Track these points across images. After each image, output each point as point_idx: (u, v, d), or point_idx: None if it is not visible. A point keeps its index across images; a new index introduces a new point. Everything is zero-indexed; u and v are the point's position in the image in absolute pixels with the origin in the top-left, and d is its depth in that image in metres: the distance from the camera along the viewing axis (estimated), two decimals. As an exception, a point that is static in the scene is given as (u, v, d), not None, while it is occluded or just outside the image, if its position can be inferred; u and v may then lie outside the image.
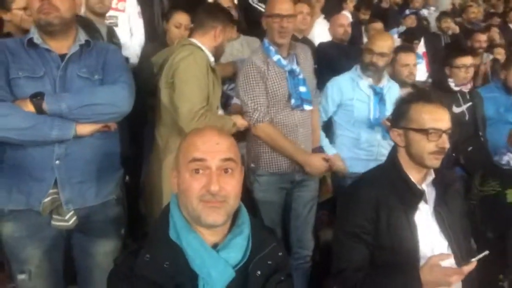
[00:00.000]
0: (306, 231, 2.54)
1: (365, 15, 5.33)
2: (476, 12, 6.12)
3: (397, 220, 1.57)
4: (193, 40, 2.24)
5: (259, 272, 1.18)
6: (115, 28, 3.18)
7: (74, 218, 1.72)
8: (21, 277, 1.70)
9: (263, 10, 4.52)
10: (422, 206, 1.63)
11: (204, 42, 2.21)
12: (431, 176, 1.67)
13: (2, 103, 1.60)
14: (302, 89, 2.42)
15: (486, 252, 1.41)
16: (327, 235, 3.25)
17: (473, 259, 1.40)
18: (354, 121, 2.72)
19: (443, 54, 3.77)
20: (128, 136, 2.55)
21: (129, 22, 3.65)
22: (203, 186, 1.14)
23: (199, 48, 2.18)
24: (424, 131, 1.57)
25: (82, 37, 1.81)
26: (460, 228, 1.67)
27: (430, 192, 1.67)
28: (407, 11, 5.95)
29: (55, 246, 1.76)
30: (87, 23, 2.59)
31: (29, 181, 1.67)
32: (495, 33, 5.40)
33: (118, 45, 2.81)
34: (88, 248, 1.81)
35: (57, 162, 1.68)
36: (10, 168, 1.70)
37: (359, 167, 2.52)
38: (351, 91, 2.73)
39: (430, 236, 1.60)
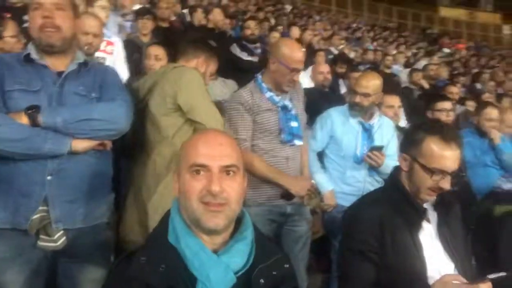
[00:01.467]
0: (297, 270, 2.44)
1: (341, 69, 5.62)
2: (434, 70, 6.66)
3: (402, 238, 1.55)
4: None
5: (262, 281, 1.12)
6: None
7: (63, 238, 1.60)
8: None
9: (245, 59, 4.80)
10: (425, 225, 1.62)
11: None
12: (432, 198, 1.67)
13: None
14: (294, 124, 2.44)
15: (503, 274, 1.38)
16: (317, 281, 3.16)
17: (490, 276, 1.38)
18: (342, 155, 2.74)
19: (424, 100, 3.97)
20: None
21: (114, 64, 3.74)
22: (204, 186, 1.10)
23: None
24: (429, 170, 1.57)
25: (81, 56, 1.80)
26: (463, 249, 1.66)
27: (431, 213, 1.67)
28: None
29: (38, 272, 1.61)
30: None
31: (17, 197, 1.57)
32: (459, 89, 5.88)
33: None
34: (74, 275, 1.67)
35: (49, 177, 1.59)
36: None
37: (344, 201, 2.54)
38: (341, 124, 2.78)
39: (435, 257, 1.58)
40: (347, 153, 2.72)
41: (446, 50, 13.62)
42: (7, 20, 2.68)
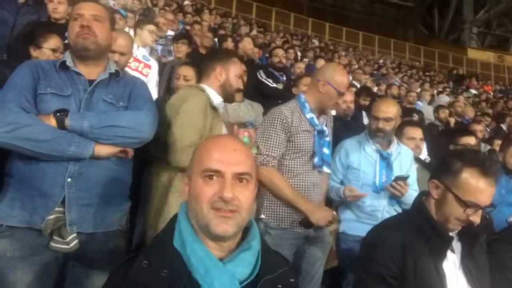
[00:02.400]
0: None
1: (365, 101, 5.61)
2: (462, 107, 6.58)
3: (424, 267, 1.49)
4: (198, 84, 2.29)
5: None
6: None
7: (76, 241, 1.61)
8: None
9: (270, 84, 4.88)
10: (450, 255, 1.57)
11: (209, 84, 2.24)
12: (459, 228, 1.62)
13: (25, 113, 1.59)
14: (326, 151, 2.44)
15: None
16: (327, 317, 3.04)
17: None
18: (360, 184, 2.68)
19: (446, 135, 3.92)
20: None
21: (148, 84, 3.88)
22: (216, 192, 1.08)
23: (199, 89, 2.17)
24: (463, 203, 1.52)
25: (113, 66, 1.87)
26: (488, 282, 1.58)
27: (456, 243, 1.61)
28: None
29: (47, 273, 1.62)
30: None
31: (35, 197, 1.60)
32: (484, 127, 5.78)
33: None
34: (82, 280, 1.66)
35: (69, 180, 1.62)
36: (17, 183, 1.63)
37: (362, 231, 2.44)
38: (357, 154, 2.74)
39: None
40: (365, 182, 2.66)
41: (473, 91, 13.50)
42: (51, 34, 2.78)
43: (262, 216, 2.36)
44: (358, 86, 7.65)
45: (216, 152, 1.12)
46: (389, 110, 2.69)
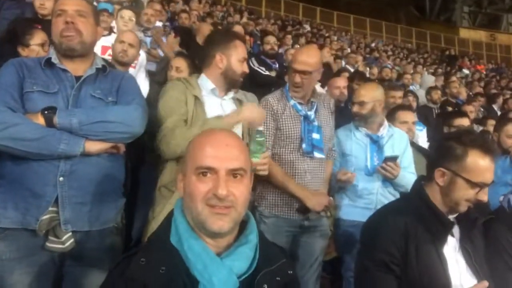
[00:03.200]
0: (310, 283, 2.39)
1: (358, 85, 5.59)
2: (457, 87, 6.51)
3: (426, 252, 1.50)
4: (198, 74, 2.22)
5: (265, 286, 1.09)
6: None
7: (71, 240, 1.60)
8: None
9: (263, 72, 4.84)
10: (450, 239, 1.58)
11: (210, 74, 2.15)
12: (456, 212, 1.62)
13: (12, 113, 1.56)
14: (315, 136, 2.42)
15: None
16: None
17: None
18: (353, 169, 2.68)
19: (442, 116, 3.91)
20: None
21: (136, 76, 3.84)
22: (210, 189, 1.07)
23: (180, 81, 2.13)
24: (475, 184, 1.53)
25: (99, 61, 1.83)
26: (486, 265, 1.60)
27: (454, 228, 1.62)
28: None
29: (45, 274, 1.60)
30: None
31: (28, 197, 1.57)
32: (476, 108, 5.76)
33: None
34: (80, 278, 1.65)
35: (61, 178, 1.60)
36: (9, 183, 1.61)
37: (357, 215, 2.48)
38: (349, 141, 2.75)
39: (458, 271, 1.53)
40: (358, 167, 2.67)
41: (466, 71, 13.50)
42: (35, 29, 2.75)
43: (256, 204, 2.36)
44: (352, 70, 7.66)
45: (208, 148, 1.10)
46: (364, 93, 2.71)
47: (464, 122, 3.30)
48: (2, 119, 1.52)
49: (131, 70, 3.83)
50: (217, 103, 2.14)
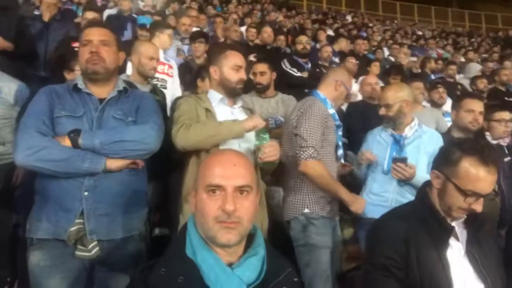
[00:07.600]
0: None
1: (395, 80, 5.43)
2: (508, 74, 6.05)
3: (427, 256, 1.51)
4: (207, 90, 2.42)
5: None
6: (164, 90, 3.62)
7: (97, 249, 1.79)
8: None
9: (295, 74, 4.86)
10: (454, 243, 1.57)
11: (211, 87, 2.39)
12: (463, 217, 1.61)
13: (43, 137, 1.76)
14: (341, 143, 2.66)
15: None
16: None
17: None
18: (373, 167, 2.75)
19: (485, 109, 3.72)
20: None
21: (173, 85, 4.10)
22: (219, 206, 1.18)
23: (190, 98, 2.34)
24: (463, 192, 1.52)
25: (121, 84, 2.02)
26: (495, 269, 1.58)
27: (461, 231, 1.61)
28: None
29: (78, 279, 1.80)
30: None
31: (58, 211, 1.78)
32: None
33: (160, 101, 2.95)
34: (108, 282, 1.83)
35: (86, 193, 1.79)
36: (42, 199, 1.83)
37: (372, 213, 2.50)
38: (375, 141, 2.81)
39: (463, 276, 1.52)
40: (377, 165, 2.72)
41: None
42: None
43: (306, 210, 2.50)
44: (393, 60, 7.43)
45: (217, 168, 1.22)
46: (388, 96, 2.72)
47: (506, 115, 3.08)
48: (34, 143, 1.73)
49: (169, 80, 4.07)
50: (227, 111, 2.30)
